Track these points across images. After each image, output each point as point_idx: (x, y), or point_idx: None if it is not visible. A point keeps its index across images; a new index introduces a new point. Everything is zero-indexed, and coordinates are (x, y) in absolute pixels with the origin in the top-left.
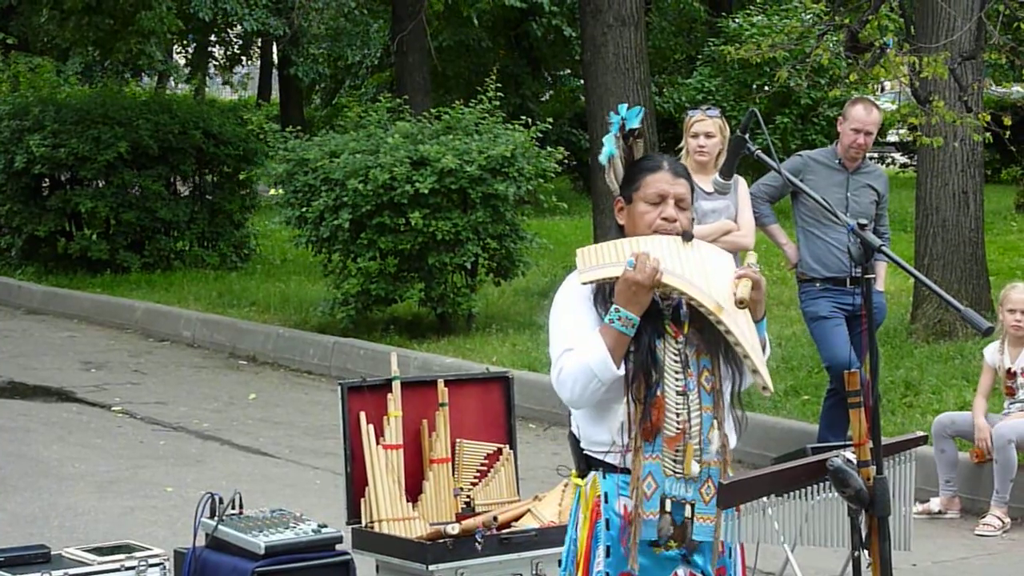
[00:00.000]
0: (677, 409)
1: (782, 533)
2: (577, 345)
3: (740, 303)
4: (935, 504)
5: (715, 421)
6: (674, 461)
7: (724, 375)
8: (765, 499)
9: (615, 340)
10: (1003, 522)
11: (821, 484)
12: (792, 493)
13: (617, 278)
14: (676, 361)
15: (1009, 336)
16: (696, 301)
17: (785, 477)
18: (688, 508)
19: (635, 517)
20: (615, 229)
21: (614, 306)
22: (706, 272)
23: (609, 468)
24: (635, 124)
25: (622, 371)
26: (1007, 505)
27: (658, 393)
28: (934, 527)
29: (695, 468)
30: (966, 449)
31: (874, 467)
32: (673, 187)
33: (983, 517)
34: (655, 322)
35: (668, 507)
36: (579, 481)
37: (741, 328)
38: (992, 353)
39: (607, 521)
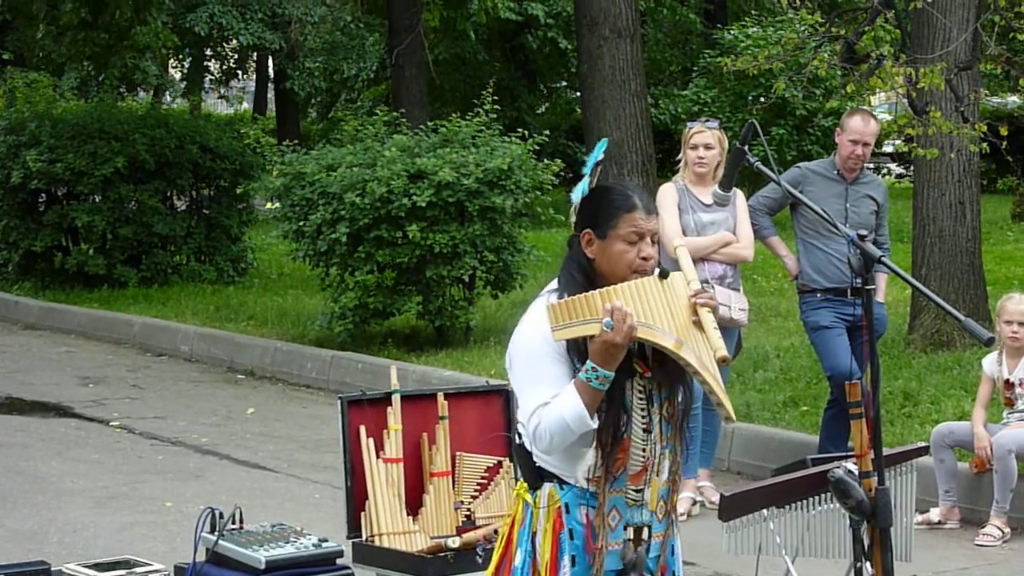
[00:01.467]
0: (642, 446)
1: (783, 544)
2: (552, 399)
3: (723, 361)
4: (934, 514)
5: (672, 448)
6: (635, 491)
7: (680, 402)
8: (766, 511)
9: (592, 397)
10: (1003, 532)
11: (822, 495)
12: (793, 504)
13: (592, 336)
14: (642, 399)
15: (1007, 347)
16: (663, 347)
17: (786, 488)
18: (646, 531)
19: (600, 548)
20: (584, 260)
21: (590, 364)
22: (671, 308)
23: (564, 480)
24: (600, 156)
25: (596, 423)
26: (1007, 515)
27: (625, 435)
28: (934, 537)
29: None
30: (965, 459)
31: (875, 478)
32: (648, 224)
33: (983, 527)
34: (625, 364)
35: (630, 534)
36: (528, 496)
37: (703, 361)
38: (990, 364)
39: (570, 531)
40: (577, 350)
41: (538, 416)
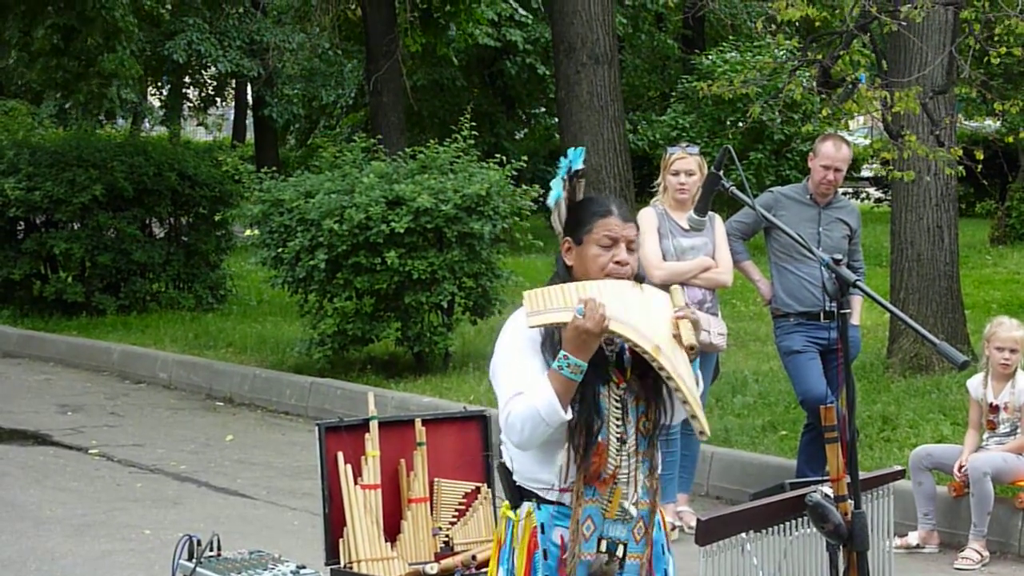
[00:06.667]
0: (615, 455)
1: (761, 569)
2: (525, 389)
3: (691, 348)
4: (913, 538)
5: (650, 464)
6: (609, 503)
7: (659, 419)
8: (744, 535)
9: (563, 386)
10: (982, 555)
11: (799, 520)
12: (770, 529)
13: (565, 324)
14: (617, 408)
15: (995, 372)
16: (640, 348)
17: (763, 513)
18: (621, 548)
19: (571, 558)
20: (563, 269)
21: (562, 352)
22: (649, 315)
23: (543, 500)
24: (579, 165)
25: (570, 415)
26: (985, 538)
27: (600, 440)
28: (913, 561)
29: (632, 510)
30: (944, 483)
31: (852, 502)
32: (624, 230)
33: (962, 551)
34: (600, 368)
35: (604, 547)
36: (511, 514)
37: (680, 371)
38: (976, 387)
39: (544, 552)
40: (551, 346)
41: (510, 406)
